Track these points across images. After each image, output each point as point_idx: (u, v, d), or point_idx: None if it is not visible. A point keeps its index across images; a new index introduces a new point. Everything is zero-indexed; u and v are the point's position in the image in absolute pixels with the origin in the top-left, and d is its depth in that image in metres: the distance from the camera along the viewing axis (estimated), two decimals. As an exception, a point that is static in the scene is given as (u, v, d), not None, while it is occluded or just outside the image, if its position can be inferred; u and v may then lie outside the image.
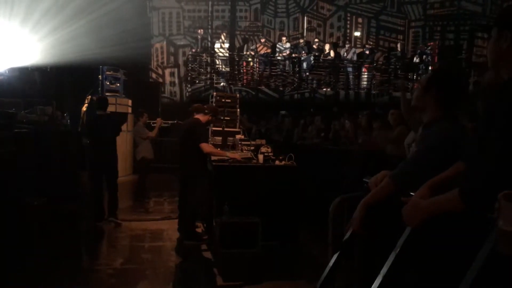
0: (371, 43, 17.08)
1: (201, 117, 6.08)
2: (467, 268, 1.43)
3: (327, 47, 15.28)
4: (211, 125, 7.38)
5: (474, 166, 1.61)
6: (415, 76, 15.21)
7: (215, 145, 6.73)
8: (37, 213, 5.82)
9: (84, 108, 10.49)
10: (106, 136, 6.94)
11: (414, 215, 1.79)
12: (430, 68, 14.82)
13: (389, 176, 2.20)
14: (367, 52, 15.51)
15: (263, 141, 6.86)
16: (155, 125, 8.86)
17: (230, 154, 6.01)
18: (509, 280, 1.40)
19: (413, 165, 2.21)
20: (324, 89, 14.74)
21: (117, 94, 11.59)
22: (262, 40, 16.11)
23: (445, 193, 1.69)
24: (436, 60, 15.14)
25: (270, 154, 5.97)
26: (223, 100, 8.09)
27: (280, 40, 15.74)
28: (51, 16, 12.31)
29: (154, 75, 16.66)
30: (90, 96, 10.64)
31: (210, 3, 16.51)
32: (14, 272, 4.59)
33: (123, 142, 10.99)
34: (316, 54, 15.09)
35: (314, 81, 14.96)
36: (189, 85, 14.96)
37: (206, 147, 5.84)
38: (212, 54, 15.08)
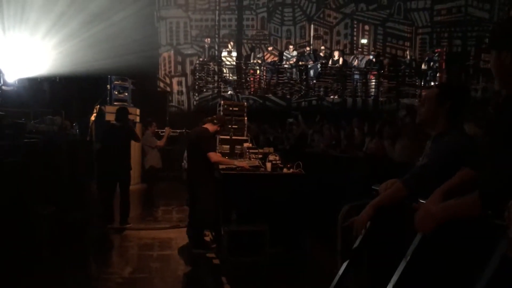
0: (379, 50, 17.06)
1: (209, 126, 6.08)
2: (477, 275, 1.42)
3: (336, 54, 15.29)
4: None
5: (495, 170, 1.59)
6: (422, 83, 15.17)
7: (223, 154, 6.73)
8: (46, 222, 5.85)
9: (92, 118, 10.57)
10: (119, 145, 7.18)
11: (427, 220, 1.78)
12: (438, 75, 14.78)
13: (401, 180, 2.21)
14: (374, 59, 15.50)
15: (271, 149, 6.86)
16: (163, 134, 8.89)
17: (237, 162, 6.01)
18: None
19: (424, 171, 2.22)
20: (331, 97, 14.74)
21: (125, 104, 11.66)
22: (270, 49, 16.15)
23: (459, 198, 1.68)
24: (443, 67, 15.09)
25: (278, 162, 5.95)
26: (231, 108, 8.10)
27: (287, 48, 15.78)
28: (60, 27, 12.44)
29: (161, 84, 16.75)
30: (98, 106, 10.72)
31: (217, 12, 16.60)
32: (23, 281, 4.61)
33: (132, 151, 11.03)
34: (323, 61, 15.12)
35: (321, 89, 14.96)
36: (196, 94, 15.02)
37: (214, 156, 5.84)
38: (219, 62, 15.15)
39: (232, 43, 15.58)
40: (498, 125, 1.69)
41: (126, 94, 11.83)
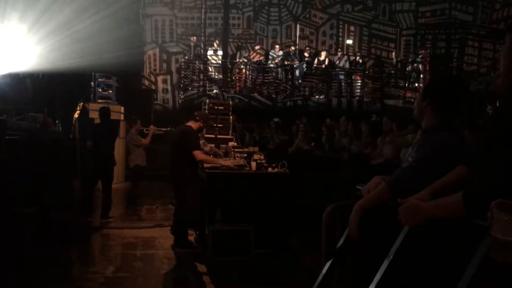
0: (364, 51, 17.19)
1: (192, 124, 6.03)
2: (460, 274, 1.43)
3: (323, 54, 15.34)
4: (204, 131, 7.39)
5: (482, 172, 1.59)
6: (406, 84, 15.33)
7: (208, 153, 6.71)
8: (28, 221, 5.78)
9: (76, 115, 10.45)
10: (105, 143, 7.43)
11: (413, 214, 1.76)
12: (421, 76, 14.93)
13: (386, 182, 2.20)
14: (360, 60, 15.62)
15: (256, 149, 6.87)
16: (148, 132, 8.84)
17: (222, 161, 6.00)
18: (503, 286, 1.40)
19: (410, 173, 2.21)
20: (316, 97, 14.80)
21: (110, 101, 11.56)
22: (257, 47, 16.12)
23: (447, 197, 1.68)
24: (427, 69, 15.26)
25: (263, 161, 5.96)
26: (216, 107, 8.09)
27: (273, 48, 15.80)
28: (44, 23, 12.28)
29: (146, 82, 16.64)
30: (82, 103, 10.61)
31: (203, 10, 16.53)
32: (4, 281, 4.54)
33: (116, 149, 10.94)
34: (309, 59, 15.17)
35: (307, 89, 15.01)
36: (181, 92, 14.95)
37: (199, 154, 5.81)
38: (205, 61, 15.10)
39: (218, 42, 15.54)
40: (498, 125, 1.67)
41: (111, 91, 11.73)
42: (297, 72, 15.00)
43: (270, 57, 15.46)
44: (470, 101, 3.20)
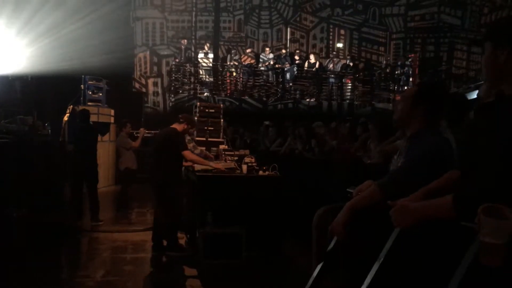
0: (354, 54, 17.29)
1: (177, 126, 5.99)
2: (450, 276, 1.45)
3: (312, 57, 15.42)
4: (194, 134, 7.37)
5: (473, 176, 1.60)
6: (396, 87, 15.44)
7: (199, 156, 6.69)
8: (17, 224, 5.72)
9: (65, 118, 10.38)
10: (83, 145, 7.48)
11: (404, 216, 1.77)
12: (411, 79, 15.05)
13: (376, 184, 2.21)
14: (351, 64, 15.70)
15: (247, 152, 6.87)
16: (138, 135, 8.81)
17: (213, 164, 6.00)
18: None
19: (401, 175, 2.23)
20: (307, 100, 14.85)
21: (100, 104, 11.51)
22: (248, 51, 16.14)
23: (437, 198, 1.69)
24: (417, 72, 15.39)
25: (254, 164, 5.96)
26: (207, 110, 8.09)
27: (264, 51, 15.84)
28: (33, 25, 12.19)
29: (137, 85, 16.57)
30: (72, 106, 10.54)
31: (193, 13, 16.54)
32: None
33: (105, 152, 10.90)
34: (299, 62, 15.23)
35: (298, 92, 15.07)
36: (172, 95, 14.92)
37: (189, 154, 5.80)
38: (196, 64, 15.08)
39: (208, 45, 15.55)
40: (487, 129, 1.67)
41: (101, 94, 11.67)
42: (288, 75, 15.05)
43: (261, 60, 15.50)
44: (456, 103, 3.21)
